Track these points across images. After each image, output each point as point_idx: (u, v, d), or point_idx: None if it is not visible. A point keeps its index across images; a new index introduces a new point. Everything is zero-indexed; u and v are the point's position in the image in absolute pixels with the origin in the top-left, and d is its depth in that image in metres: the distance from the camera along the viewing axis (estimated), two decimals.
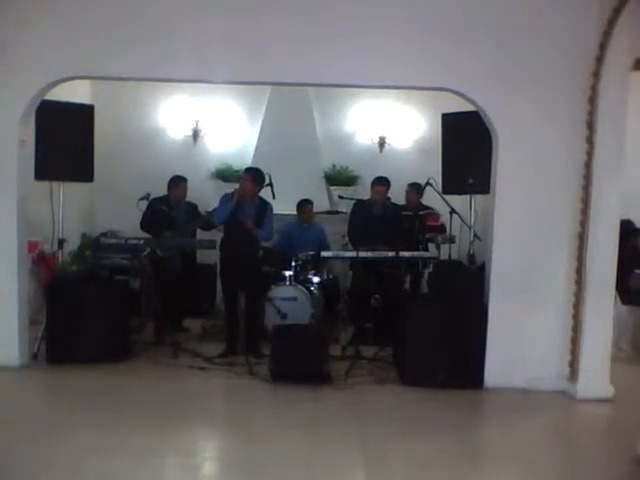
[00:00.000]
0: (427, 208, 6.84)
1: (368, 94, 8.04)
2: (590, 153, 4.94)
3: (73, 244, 7.00)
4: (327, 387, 4.99)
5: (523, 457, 3.95)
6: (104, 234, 6.89)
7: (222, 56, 5.05)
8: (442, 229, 6.59)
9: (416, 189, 6.86)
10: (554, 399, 4.94)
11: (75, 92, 6.25)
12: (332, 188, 8.21)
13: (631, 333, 6.49)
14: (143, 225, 6.46)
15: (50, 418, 4.33)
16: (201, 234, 6.72)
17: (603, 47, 4.80)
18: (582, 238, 4.99)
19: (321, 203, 7.80)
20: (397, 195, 7.02)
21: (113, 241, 6.14)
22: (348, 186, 8.11)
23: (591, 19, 4.90)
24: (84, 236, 7.45)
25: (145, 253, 6.32)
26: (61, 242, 5.87)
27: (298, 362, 5.03)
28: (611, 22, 4.71)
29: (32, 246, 5.96)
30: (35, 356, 5.42)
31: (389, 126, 8.33)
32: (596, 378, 4.93)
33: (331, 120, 8.42)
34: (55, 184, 5.73)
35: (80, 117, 5.78)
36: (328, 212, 7.87)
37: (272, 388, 4.98)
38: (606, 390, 4.92)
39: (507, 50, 5.02)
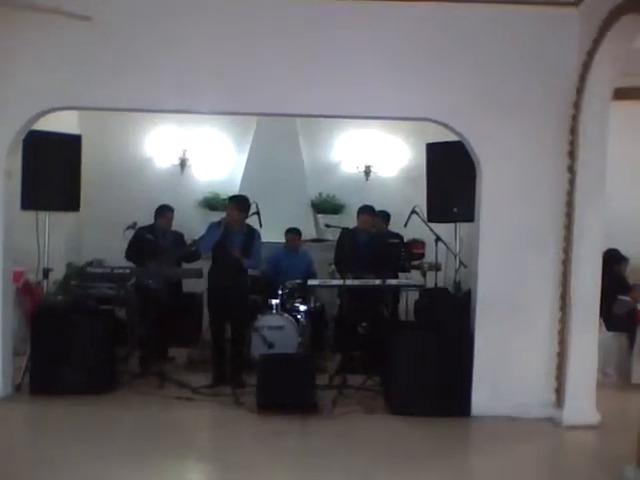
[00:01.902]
0: (395, 235, 6.86)
1: (354, 124, 8.14)
2: (572, 182, 5.02)
3: (58, 273, 6.96)
4: (314, 417, 4.95)
5: None
6: (90, 263, 6.86)
7: (208, 87, 5.12)
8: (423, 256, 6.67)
9: (382, 217, 6.92)
10: (541, 426, 4.95)
11: (62, 122, 6.27)
12: (319, 216, 8.26)
13: (616, 359, 6.53)
14: (129, 254, 6.44)
15: (33, 451, 4.26)
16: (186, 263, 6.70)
17: (583, 78, 4.92)
18: (566, 265, 5.05)
19: (308, 231, 7.83)
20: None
21: (99, 270, 6.12)
22: (335, 214, 8.18)
23: (572, 51, 5.02)
24: (70, 265, 7.40)
25: (131, 282, 6.32)
26: (46, 272, 5.84)
27: (285, 392, 5.00)
28: (590, 54, 4.82)
29: (17, 276, 5.92)
30: (18, 387, 5.35)
31: (375, 155, 8.42)
32: (582, 404, 4.95)
33: (317, 149, 8.51)
34: (41, 213, 5.72)
35: (67, 147, 5.80)
36: (315, 240, 7.90)
37: (259, 419, 4.93)
38: (592, 416, 4.94)
39: (489, 81, 5.13)
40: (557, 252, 5.12)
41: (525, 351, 5.13)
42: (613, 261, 6.72)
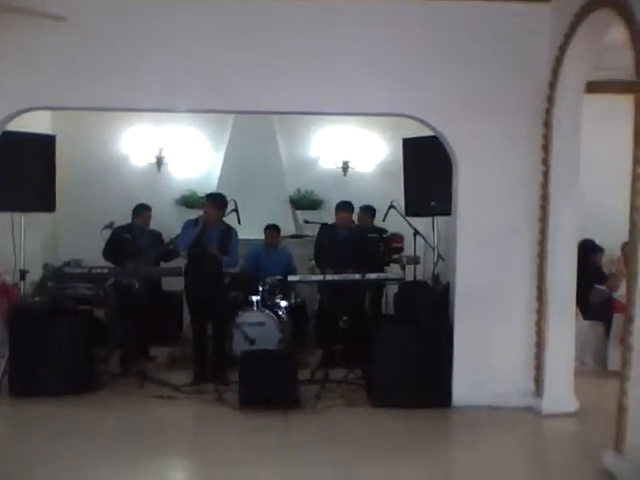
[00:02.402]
0: (380, 230, 6.92)
1: (331, 120, 8.17)
2: (546, 174, 5.10)
3: (35, 275, 6.88)
4: (297, 412, 4.98)
5: (492, 475, 4.01)
6: (67, 264, 6.79)
7: (185, 85, 5.11)
8: (401, 250, 6.72)
9: (368, 211, 6.99)
10: (521, 415, 5.03)
11: (36, 122, 6.20)
12: (298, 212, 8.27)
13: (593, 347, 6.65)
14: (106, 254, 6.39)
15: (14, 453, 4.22)
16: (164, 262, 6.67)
17: (556, 72, 4.99)
18: (541, 257, 5.13)
19: (287, 227, 7.84)
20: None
21: (76, 271, 6.08)
22: (313, 210, 8.19)
23: (544, 45, 5.10)
24: (46, 266, 7.32)
25: (109, 282, 6.28)
26: (23, 273, 5.77)
27: (267, 388, 5.02)
28: (562, 48, 4.90)
29: None
30: None
31: (352, 151, 8.46)
32: (561, 393, 5.04)
33: (295, 145, 8.52)
34: (16, 215, 5.66)
35: (41, 147, 5.74)
36: (294, 236, 7.90)
37: (241, 415, 4.94)
38: (571, 404, 5.04)
39: (464, 76, 5.18)
40: (533, 244, 5.20)
41: (504, 342, 5.21)
42: (589, 251, 6.84)
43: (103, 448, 4.31)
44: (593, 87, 5.34)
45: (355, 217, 7.07)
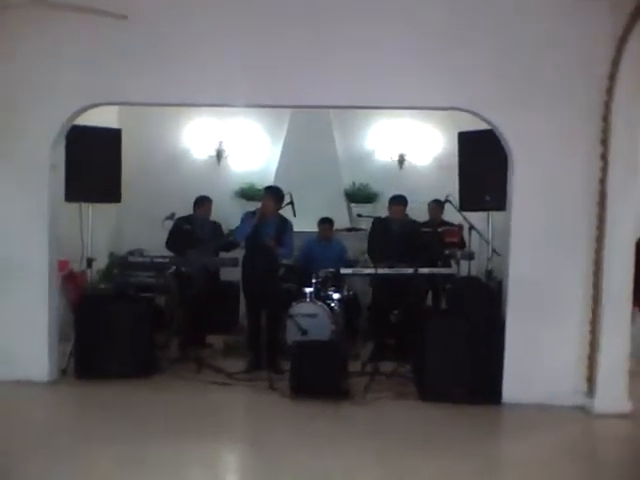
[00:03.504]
0: (449, 224, 6.91)
1: (387, 113, 8.17)
2: (604, 170, 4.99)
3: (101, 263, 7.21)
4: (346, 403, 5.07)
5: (540, 473, 3.99)
6: (131, 253, 7.06)
7: (244, 81, 5.21)
8: (462, 244, 6.67)
9: (440, 205, 6.99)
10: (572, 414, 4.96)
11: (103, 116, 6.48)
12: (352, 205, 8.33)
13: None
14: (168, 244, 6.65)
15: (79, 432, 4.49)
16: (224, 253, 6.87)
17: (615, 64, 4.87)
18: (598, 254, 5.03)
19: (341, 220, 7.92)
20: (417, 212, 7.14)
21: (139, 259, 6.31)
22: (368, 203, 8.24)
23: (604, 37, 4.96)
24: (112, 255, 7.65)
25: (170, 271, 6.53)
26: (90, 261, 6.06)
27: (318, 378, 5.12)
28: (622, 40, 4.78)
29: (62, 265, 6.16)
30: (64, 372, 5.60)
31: (408, 144, 8.45)
32: (614, 393, 4.94)
33: (351, 138, 8.57)
34: (84, 205, 5.96)
35: (108, 141, 6.01)
36: (349, 229, 7.98)
37: (292, 403, 5.08)
38: (624, 405, 4.93)
39: (520, 69, 5.11)
40: (589, 241, 5.09)
41: (556, 339, 5.13)
42: None
43: (160, 428, 4.52)
44: None
45: (422, 211, 7.09)
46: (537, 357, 5.13)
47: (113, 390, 5.24)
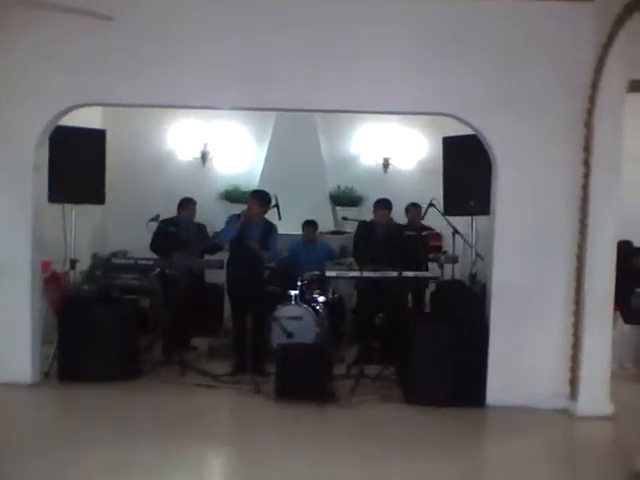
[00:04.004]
0: (428, 228, 6.96)
1: (372, 117, 8.20)
2: (587, 175, 5.06)
3: (84, 264, 7.16)
4: (331, 406, 5.08)
5: (524, 476, 4.03)
6: (114, 254, 7.03)
7: (229, 83, 5.24)
8: (440, 248, 6.73)
9: (418, 209, 7.03)
10: (555, 417, 5.02)
11: (87, 117, 6.44)
12: (337, 208, 8.37)
13: (634, 351, 6.56)
14: (153, 246, 6.62)
15: (62, 435, 4.44)
16: (208, 255, 6.85)
17: (598, 72, 4.95)
18: (580, 258, 5.10)
19: (327, 223, 7.95)
20: (402, 215, 7.20)
21: (123, 261, 6.27)
22: (353, 206, 8.28)
23: (587, 45, 5.04)
24: (95, 256, 7.60)
25: (154, 273, 6.48)
26: (73, 262, 6.02)
27: (303, 381, 5.13)
28: (605, 48, 4.85)
29: (45, 266, 6.10)
30: (47, 374, 5.54)
31: (393, 148, 8.49)
32: (596, 396, 5.01)
33: (336, 142, 8.60)
34: (67, 206, 5.90)
35: (92, 142, 5.96)
36: (333, 232, 8.00)
37: (277, 406, 5.08)
38: (606, 408, 5.00)
39: (505, 76, 5.17)
40: (572, 246, 5.16)
41: (539, 343, 5.19)
42: (631, 254, 6.73)
43: (143, 431, 4.50)
44: (635, 85, 5.26)
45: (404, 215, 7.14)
46: (520, 360, 5.19)
47: (96, 393, 5.20)
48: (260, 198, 6.02)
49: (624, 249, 6.07)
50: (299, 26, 5.22)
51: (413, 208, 7.19)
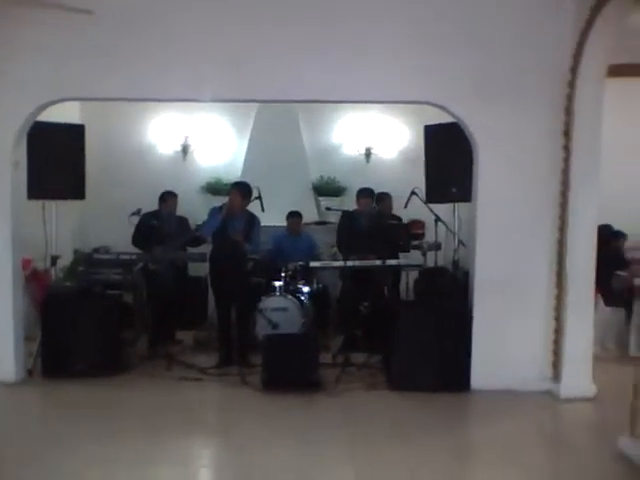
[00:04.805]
0: (398, 218, 6.96)
1: (353, 107, 8.17)
2: (567, 160, 5.11)
3: (66, 260, 7.09)
4: (318, 394, 5.10)
5: (510, 457, 4.08)
6: (96, 250, 6.96)
7: (209, 76, 5.20)
8: (423, 236, 6.77)
9: (388, 197, 7.02)
10: (538, 399, 5.08)
11: (65, 112, 6.36)
12: (320, 199, 8.35)
13: (615, 333, 6.65)
14: (135, 240, 6.57)
15: (47, 432, 4.42)
16: (191, 248, 6.82)
17: (576, 57, 4.98)
18: (561, 242, 5.16)
19: (310, 214, 7.93)
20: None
21: (105, 256, 6.23)
22: (336, 196, 8.26)
23: (565, 31, 5.07)
24: (76, 252, 7.51)
25: (137, 267, 6.44)
26: (54, 259, 5.97)
27: (290, 371, 5.15)
28: (584, 33, 4.88)
29: (25, 263, 6.05)
30: (30, 371, 5.50)
31: (375, 137, 8.48)
32: (579, 378, 5.08)
33: (318, 132, 8.57)
34: (47, 202, 5.84)
35: (71, 137, 5.91)
36: (317, 223, 7.98)
37: (264, 397, 5.09)
38: (589, 389, 5.08)
39: (485, 63, 5.19)
40: (553, 230, 5.22)
41: (522, 327, 5.25)
42: (611, 237, 6.82)
43: (130, 426, 4.48)
44: (615, 70, 5.31)
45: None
46: (504, 344, 5.24)
47: (81, 389, 5.17)
48: (242, 190, 6.00)
49: (604, 233, 6.14)
50: (279, 17, 5.19)
51: (383, 196, 7.18)
